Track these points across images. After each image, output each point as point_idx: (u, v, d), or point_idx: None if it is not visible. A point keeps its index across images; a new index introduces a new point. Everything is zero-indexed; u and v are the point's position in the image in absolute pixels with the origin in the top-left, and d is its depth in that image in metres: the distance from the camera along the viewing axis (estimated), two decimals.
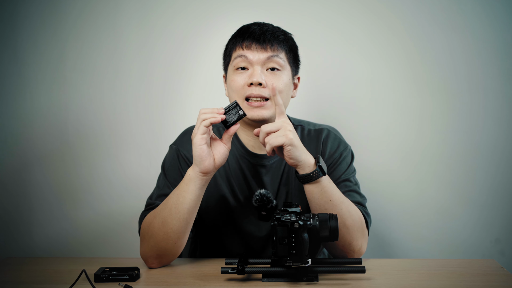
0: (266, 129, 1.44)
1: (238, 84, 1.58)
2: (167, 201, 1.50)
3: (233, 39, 1.63)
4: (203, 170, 1.45)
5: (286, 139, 1.42)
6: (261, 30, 1.59)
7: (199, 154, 1.43)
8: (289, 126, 1.44)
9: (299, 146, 1.45)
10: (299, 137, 1.64)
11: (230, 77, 1.60)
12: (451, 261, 1.62)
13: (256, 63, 1.57)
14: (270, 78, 1.56)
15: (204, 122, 1.41)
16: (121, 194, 2.22)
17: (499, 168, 2.13)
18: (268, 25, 1.63)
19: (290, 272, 1.38)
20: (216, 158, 1.46)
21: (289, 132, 1.43)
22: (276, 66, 1.58)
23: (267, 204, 1.40)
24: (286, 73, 1.60)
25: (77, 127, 2.22)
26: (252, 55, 1.57)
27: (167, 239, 1.49)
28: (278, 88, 1.55)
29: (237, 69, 1.59)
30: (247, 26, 1.63)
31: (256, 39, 1.57)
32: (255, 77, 1.55)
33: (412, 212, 2.16)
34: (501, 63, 2.10)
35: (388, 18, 2.12)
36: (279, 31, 1.62)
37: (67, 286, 1.36)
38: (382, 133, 2.15)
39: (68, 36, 2.20)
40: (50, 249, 2.24)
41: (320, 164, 1.46)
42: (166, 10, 2.18)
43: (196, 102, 2.19)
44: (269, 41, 1.57)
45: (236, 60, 1.59)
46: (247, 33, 1.59)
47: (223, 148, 1.47)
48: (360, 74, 2.15)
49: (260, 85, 1.55)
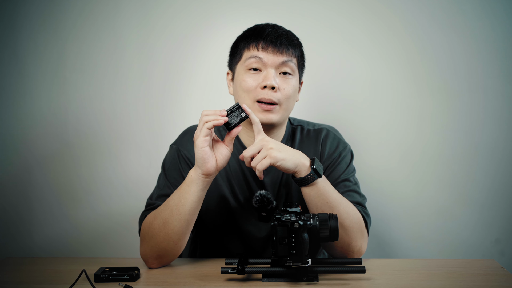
0: (248, 153, 1.44)
1: (250, 85, 1.57)
2: (168, 202, 1.49)
3: (245, 38, 1.61)
4: (205, 172, 1.44)
5: (272, 159, 1.41)
6: (277, 33, 1.58)
7: (202, 156, 1.43)
8: (269, 143, 1.43)
9: (288, 158, 1.43)
10: (297, 138, 1.64)
11: (241, 76, 1.59)
12: (451, 261, 1.62)
13: (270, 66, 1.56)
14: (282, 82, 1.57)
15: (207, 124, 1.41)
16: (121, 194, 2.22)
17: (499, 168, 2.12)
18: (282, 28, 1.62)
19: (290, 272, 1.38)
20: (218, 160, 1.46)
21: (271, 151, 1.42)
22: (289, 70, 1.58)
23: (267, 205, 1.40)
24: (296, 78, 1.61)
25: (77, 127, 2.22)
26: (267, 57, 1.56)
27: (168, 239, 1.49)
28: (288, 93, 1.56)
29: (249, 69, 1.58)
30: (261, 27, 1.61)
31: (272, 42, 1.56)
32: (269, 80, 1.54)
33: (412, 212, 2.16)
34: (501, 63, 2.10)
35: (388, 18, 2.12)
36: (293, 36, 1.62)
37: (67, 286, 1.36)
38: (382, 133, 2.15)
39: (68, 36, 2.20)
40: (50, 249, 2.24)
41: (315, 167, 1.45)
42: (166, 10, 2.18)
43: (196, 102, 2.19)
44: (285, 46, 1.57)
45: (250, 60, 1.57)
46: (263, 34, 1.57)
47: (225, 150, 1.47)
48: (360, 74, 2.15)
49: (273, 89, 1.55)
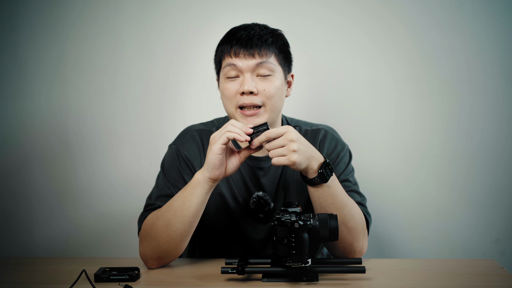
0: (270, 147, 1.41)
1: (230, 92, 1.55)
2: (172, 204, 1.49)
3: (221, 45, 1.59)
4: (212, 177, 1.44)
5: (289, 162, 1.40)
6: (248, 35, 1.54)
7: (213, 162, 1.42)
8: (291, 144, 1.40)
9: (304, 161, 1.42)
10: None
11: (222, 84, 1.58)
12: (451, 261, 1.62)
13: (245, 71, 1.54)
14: (261, 84, 1.54)
15: (228, 134, 1.40)
16: (121, 194, 2.22)
17: (499, 168, 2.12)
18: (255, 27, 1.58)
19: (290, 272, 1.38)
20: (227, 168, 1.45)
21: (292, 154, 1.39)
22: (266, 72, 1.54)
23: (264, 206, 1.40)
24: (278, 76, 1.56)
25: (77, 127, 2.21)
26: (241, 62, 1.53)
27: (170, 241, 1.49)
28: (269, 93, 1.53)
29: (227, 77, 1.56)
30: (234, 31, 1.58)
31: (243, 46, 1.53)
32: (245, 85, 1.52)
33: (412, 212, 2.16)
34: (502, 63, 2.10)
35: (388, 18, 2.12)
36: (266, 34, 1.56)
37: (67, 286, 1.36)
38: (382, 133, 2.15)
39: (68, 36, 2.20)
40: (50, 249, 2.24)
41: (321, 171, 1.44)
42: (166, 10, 2.18)
43: (195, 102, 2.19)
44: (257, 47, 1.53)
45: (226, 68, 1.56)
46: (234, 39, 1.55)
47: (237, 161, 1.46)
48: (360, 74, 2.15)
49: (251, 93, 1.53)
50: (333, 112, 2.17)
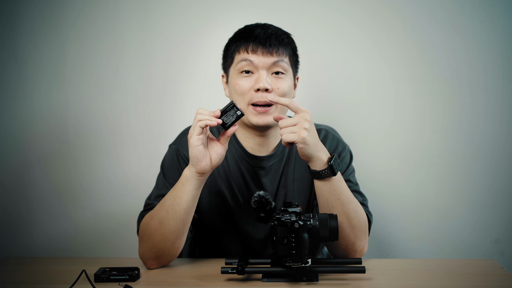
0: (283, 124, 1.43)
1: (243, 88, 1.57)
2: (164, 202, 1.49)
3: (236, 41, 1.61)
4: (199, 171, 1.44)
5: (298, 138, 1.41)
6: (266, 33, 1.57)
7: (196, 155, 1.42)
8: (305, 123, 1.42)
9: (312, 144, 1.43)
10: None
11: (234, 80, 1.59)
12: (451, 261, 1.62)
13: (262, 68, 1.56)
14: (276, 82, 1.56)
15: (199, 123, 1.41)
16: (121, 194, 2.22)
17: (499, 168, 2.12)
18: (271, 27, 1.61)
19: (290, 272, 1.38)
20: (212, 159, 1.45)
21: (303, 131, 1.41)
22: (281, 70, 1.57)
23: (266, 205, 1.40)
24: (289, 76, 1.60)
25: (77, 127, 2.21)
26: (258, 59, 1.56)
27: (165, 240, 1.49)
28: (283, 91, 1.56)
29: (241, 72, 1.58)
30: (250, 28, 1.61)
31: (261, 43, 1.56)
32: (261, 82, 1.54)
33: (412, 212, 2.16)
34: (502, 63, 2.10)
35: (388, 18, 2.12)
36: (283, 34, 1.60)
37: (67, 286, 1.36)
38: (382, 133, 2.15)
39: (68, 36, 2.20)
40: (50, 249, 2.24)
41: (332, 163, 1.45)
42: (165, 10, 2.18)
43: (195, 102, 2.19)
44: (275, 46, 1.56)
45: (241, 63, 1.57)
46: (252, 36, 1.57)
47: (220, 149, 1.46)
48: (361, 74, 2.15)
49: (266, 90, 1.55)
50: (333, 112, 2.17)
